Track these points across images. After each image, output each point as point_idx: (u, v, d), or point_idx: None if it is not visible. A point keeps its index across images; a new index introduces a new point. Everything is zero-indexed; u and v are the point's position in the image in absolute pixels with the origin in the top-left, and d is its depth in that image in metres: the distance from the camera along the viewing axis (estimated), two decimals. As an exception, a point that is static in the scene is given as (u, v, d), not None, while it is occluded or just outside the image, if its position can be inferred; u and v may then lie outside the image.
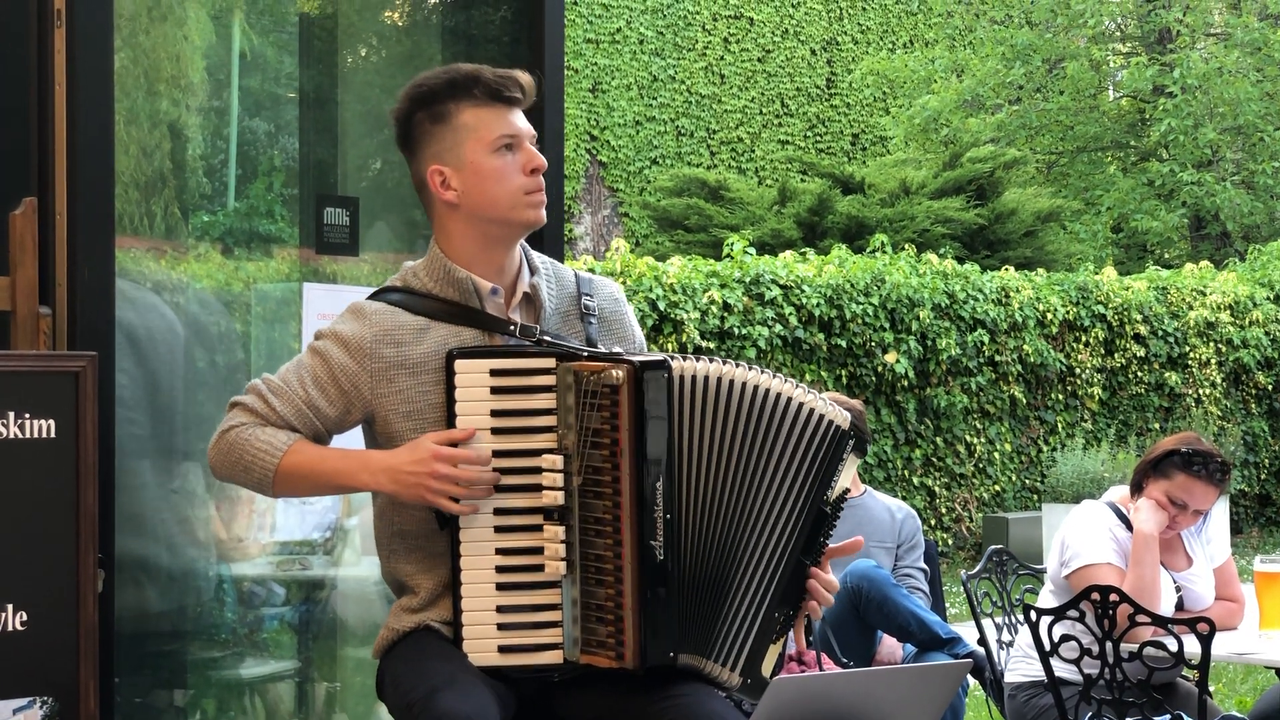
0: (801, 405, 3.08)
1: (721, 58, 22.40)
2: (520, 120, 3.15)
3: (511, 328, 3.12)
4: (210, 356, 4.47)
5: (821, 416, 3.09)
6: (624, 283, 11.64)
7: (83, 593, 3.11)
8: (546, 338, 3.13)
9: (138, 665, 4.02)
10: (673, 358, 3.02)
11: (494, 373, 3.02)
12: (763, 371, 3.08)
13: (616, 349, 3.16)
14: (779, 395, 3.06)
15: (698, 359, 3.05)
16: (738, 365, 3.07)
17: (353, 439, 3.25)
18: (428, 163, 3.16)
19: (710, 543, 3.05)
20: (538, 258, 3.27)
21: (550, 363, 3.03)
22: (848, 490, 3.17)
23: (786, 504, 3.07)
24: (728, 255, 12.98)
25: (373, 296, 3.20)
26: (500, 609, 3.02)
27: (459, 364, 3.02)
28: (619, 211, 21.50)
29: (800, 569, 3.10)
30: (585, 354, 3.06)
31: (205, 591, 4.44)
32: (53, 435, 3.10)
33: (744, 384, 3.04)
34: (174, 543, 4.28)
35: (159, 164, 4.33)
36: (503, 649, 3.02)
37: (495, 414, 3.02)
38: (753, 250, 13.14)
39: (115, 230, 3.38)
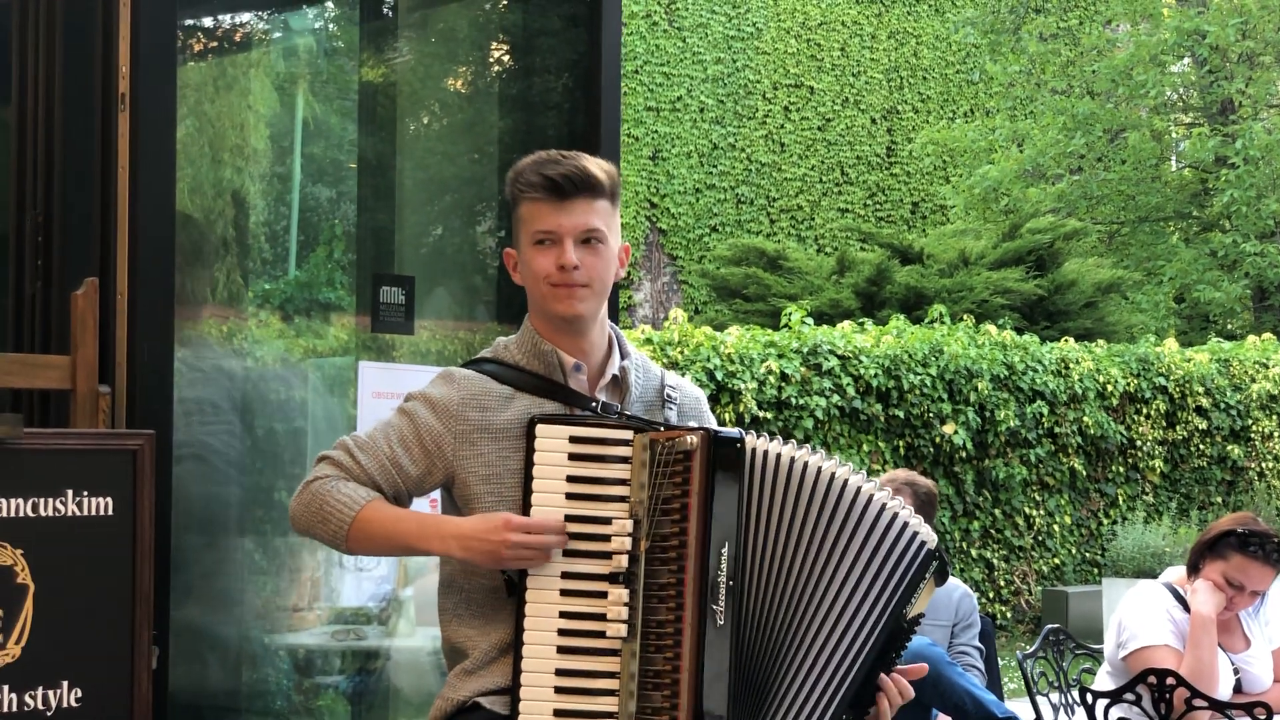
0: (885, 507, 3.09)
1: (782, 126, 22.47)
2: (569, 215, 3.18)
3: (593, 404, 3.21)
4: (269, 424, 4.51)
5: (907, 525, 3.09)
6: (681, 352, 11.66)
7: (137, 670, 3.14)
8: (626, 414, 3.21)
9: (192, 737, 4.05)
10: (748, 432, 3.07)
11: (573, 439, 3.09)
12: (843, 464, 3.09)
13: (692, 423, 3.25)
14: (861, 491, 3.07)
15: (772, 439, 3.08)
16: (816, 452, 3.09)
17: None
18: (513, 244, 3.29)
19: (774, 619, 3.05)
20: (633, 351, 3.36)
21: (628, 435, 3.09)
22: (922, 614, 3.15)
23: (864, 604, 3.06)
24: (785, 325, 12.98)
25: (465, 365, 3.29)
26: (559, 672, 3.05)
27: (540, 429, 3.09)
28: (678, 279, 21.55)
29: (872, 677, 3.08)
30: (662, 427, 3.13)
31: (261, 661, 4.46)
32: (110, 513, 3.14)
33: (820, 470, 3.06)
34: (231, 612, 4.31)
35: (222, 231, 4.39)
36: (558, 713, 3.04)
37: (571, 479, 3.08)
38: (810, 320, 13.14)
39: (175, 310, 3.44)
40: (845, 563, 3.06)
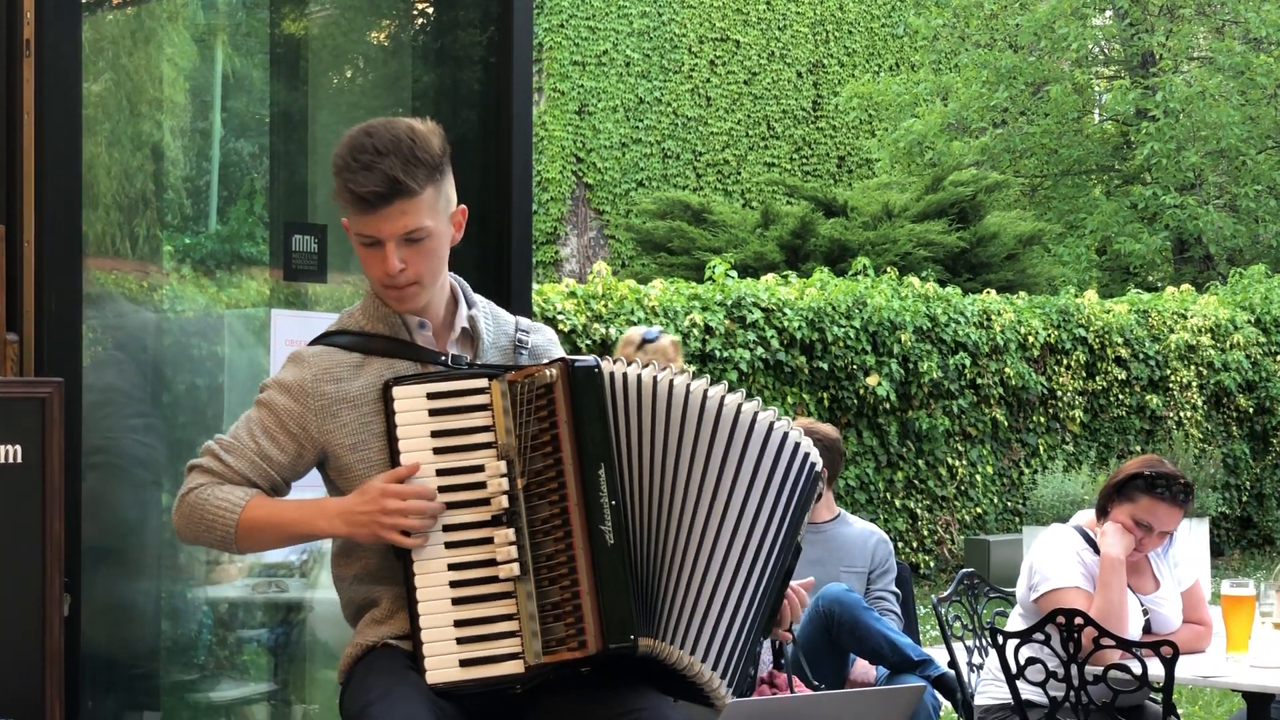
0: (773, 426, 3.13)
1: (708, 80, 22.47)
2: (386, 221, 3.10)
3: (443, 358, 3.21)
4: (190, 380, 4.50)
5: (787, 437, 3.14)
6: (605, 306, 11.68)
7: (48, 617, 3.14)
8: (478, 364, 3.22)
9: (108, 687, 4.04)
10: (604, 358, 3.11)
11: (430, 396, 3.11)
12: (718, 384, 3.12)
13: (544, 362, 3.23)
14: (742, 409, 3.10)
15: (629, 364, 3.12)
16: (683, 373, 3.13)
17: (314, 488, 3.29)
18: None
19: (664, 537, 3.07)
20: (479, 299, 3.35)
21: (483, 382, 3.11)
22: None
23: (760, 519, 3.10)
24: (709, 278, 13.02)
25: (311, 342, 3.28)
26: (458, 623, 3.06)
27: (396, 391, 3.10)
28: (604, 234, 21.55)
29: (780, 594, 3.15)
30: (516, 369, 3.16)
31: (182, 614, 4.46)
32: (19, 461, 3.13)
33: (688, 388, 3.09)
34: (151, 565, 4.30)
35: (141, 186, 4.36)
36: (464, 662, 3.05)
37: (436, 434, 3.10)
38: (734, 273, 13.19)
39: (83, 258, 3.42)
40: (741, 479, 3.09)
